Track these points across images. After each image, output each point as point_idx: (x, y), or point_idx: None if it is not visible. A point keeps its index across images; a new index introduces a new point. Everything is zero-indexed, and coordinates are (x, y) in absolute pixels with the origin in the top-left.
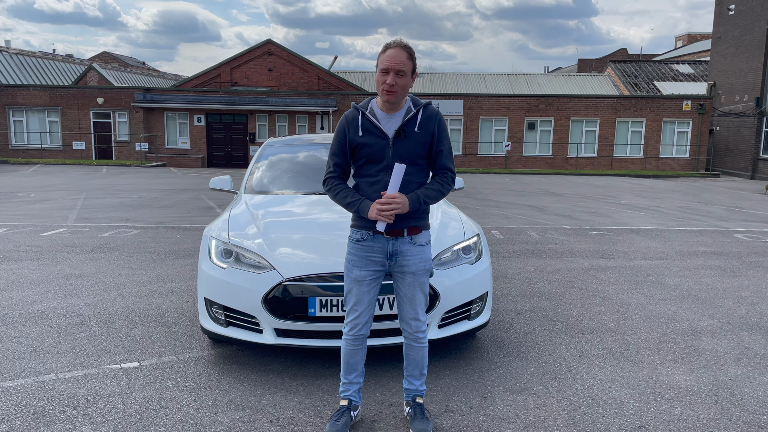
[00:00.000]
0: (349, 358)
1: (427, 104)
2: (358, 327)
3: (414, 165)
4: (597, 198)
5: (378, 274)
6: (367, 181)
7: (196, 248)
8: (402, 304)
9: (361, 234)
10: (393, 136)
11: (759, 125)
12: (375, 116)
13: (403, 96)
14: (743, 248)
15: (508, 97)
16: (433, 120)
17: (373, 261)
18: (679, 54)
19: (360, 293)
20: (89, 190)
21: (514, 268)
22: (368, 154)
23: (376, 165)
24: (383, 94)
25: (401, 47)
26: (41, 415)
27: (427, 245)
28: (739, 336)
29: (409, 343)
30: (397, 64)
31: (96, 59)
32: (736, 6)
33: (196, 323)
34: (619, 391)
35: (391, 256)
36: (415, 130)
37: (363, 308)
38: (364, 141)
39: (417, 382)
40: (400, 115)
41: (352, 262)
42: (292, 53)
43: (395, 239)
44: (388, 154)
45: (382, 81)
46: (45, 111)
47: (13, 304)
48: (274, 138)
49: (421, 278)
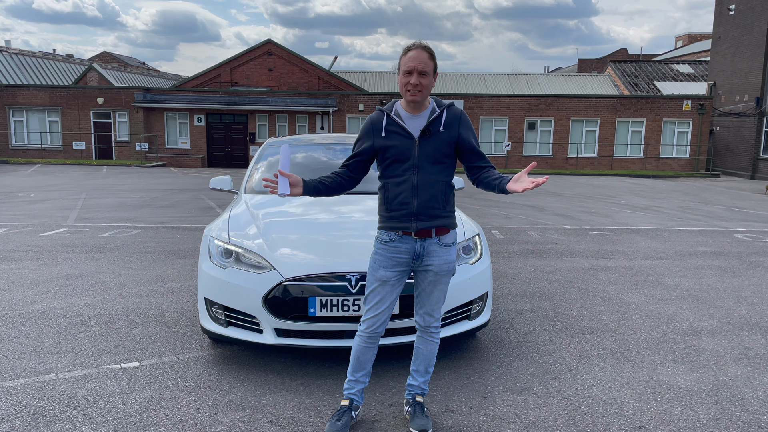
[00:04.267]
0: (360, 355)
1: (451, 104)
2: (376, 325)
3: (440, 164)
4: (597, 198)
5: (403, 274)
6: (394, 181)
7: (196, 248)
8: (420, 298)
9: (389, 235)
10: (419, 135)
11: (759, 125)
12: (400, 117)
13: (427, 96)
14: (743, 248)
15: (508, 97)
16: (458, 120)
17: (400, 262)
18: (679, 54)
19: (383, 293)
20: (89, 190)
21: (514, 268)
22: (394, 155)
23: (402, 164)
24: (407, 95)
25: (422, 48)
26: (41, 415)
27: (453, 245)
28: (739, 336)
29: (421, 336)
30: (420, 65)
31: (96, 59)
32: (736, 6)
33: (196, 323)
34: (619, 391)
35: (418, 256)
36: (440, 129)
37: (384, 307)
38: (390, 143)
39: (421, 379)
40: (425, 115)
41: (378, 262)
42: (292, 53)
43: (423, 240)
44: (414, 153)
45: (406, 82)
46: (45, 111)
47: (13, 304)
48: (275, 138)
49: (443, 278)
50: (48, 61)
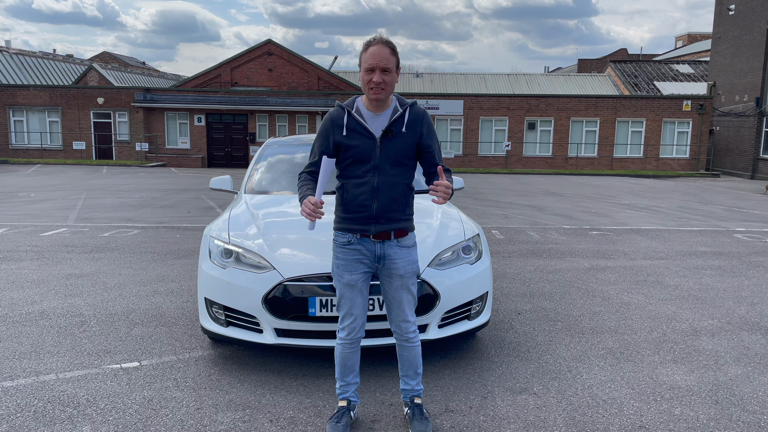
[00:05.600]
0: (346, 361)
1: (413, 104)
2: (355, 331)
3: (401, 165)
4: (597, 198)
5: (367, 275)
6: (354, 182)
7: (196, 248)
8: (391, 307)
9: (347, 237)
10: (380, 136)
11: (759, 125)
12: (361, 116)
13: (390, 93)
14: (743, 248)
15: (508, 97)
16: (420, 120)
17: (362, 263)
18: (679, 54)
19: (353, 297)
20: (89, 190)
21: (514, 268)
22: (355, 155)
23: (362, 166)
24: (370, 93)
25: (384, 43)
26: (41, 415)
27: (414, 247)
28: (739, 336)
29: (401, 344)
30: (382, 61)
31: (96, 59)
32: (736, 6)
33: (196, 323)
34: (619, 391)
35: (379, 258)
36: (402, 130)
37: (358, 312)
38: (350, 142)
39: (412, 381)
40: (387, 114)
41: (341, 267)
42: (292, 53)
43: (382, 242)
44: (376, 154)
45: (368, 79)
46: (45, 111)
47: (13, 304)
48: (275, 138)
49: (408, 280)
50: (48, 61)
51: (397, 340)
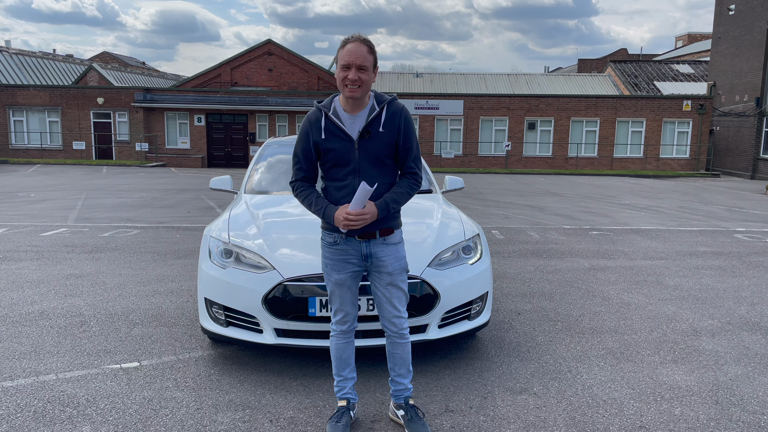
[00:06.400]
0: (341, 353)
1: (392, 100)
2: (347, 324)
3: (382, 166)
4: (597, 198)
5: (357, 273)
6: (336, 185)
7: (196, 248)
8: (381, 304)
9: (334, 237)
10: (357, 137)
11: (759, 125)
12: (338, 117)
13: (366, 92)
14: (743, 248)
15: (508, 97)
16: (397, 117)
17: (350, 263)
18: (679, 54)
19: (342, 294)
20: (89, 190)
21: (514, 268)
22: (334, 158)
23: (343, 168)
24: (346, 91)
25: (361, 41)
26: (41, 415)
27: (400, 243)
28: (739, 336)
29: (393, 341)
30: (359, 59)
31: (96, 59)
32: (736, 6)
33: (196, 323)
34: (619, 391)
35: (366, 257)
36: (379, 130)
37: (348, 308)
38: (328, 145)
39: (405, 380)
40: (364, 114)
41: (330, 267)
42: (292, 53)
43: (368, 241)
44: (354, 157)
45: (344, 77)
46: (45, 111)
47: (13, 304)
48: (275, 138)
49: (398, 276)
50: (48, 61)
51: (389, 337)
